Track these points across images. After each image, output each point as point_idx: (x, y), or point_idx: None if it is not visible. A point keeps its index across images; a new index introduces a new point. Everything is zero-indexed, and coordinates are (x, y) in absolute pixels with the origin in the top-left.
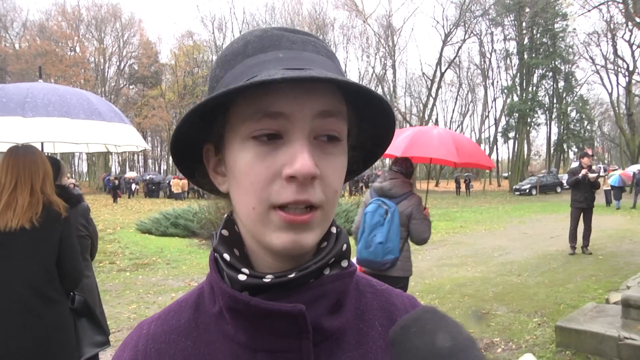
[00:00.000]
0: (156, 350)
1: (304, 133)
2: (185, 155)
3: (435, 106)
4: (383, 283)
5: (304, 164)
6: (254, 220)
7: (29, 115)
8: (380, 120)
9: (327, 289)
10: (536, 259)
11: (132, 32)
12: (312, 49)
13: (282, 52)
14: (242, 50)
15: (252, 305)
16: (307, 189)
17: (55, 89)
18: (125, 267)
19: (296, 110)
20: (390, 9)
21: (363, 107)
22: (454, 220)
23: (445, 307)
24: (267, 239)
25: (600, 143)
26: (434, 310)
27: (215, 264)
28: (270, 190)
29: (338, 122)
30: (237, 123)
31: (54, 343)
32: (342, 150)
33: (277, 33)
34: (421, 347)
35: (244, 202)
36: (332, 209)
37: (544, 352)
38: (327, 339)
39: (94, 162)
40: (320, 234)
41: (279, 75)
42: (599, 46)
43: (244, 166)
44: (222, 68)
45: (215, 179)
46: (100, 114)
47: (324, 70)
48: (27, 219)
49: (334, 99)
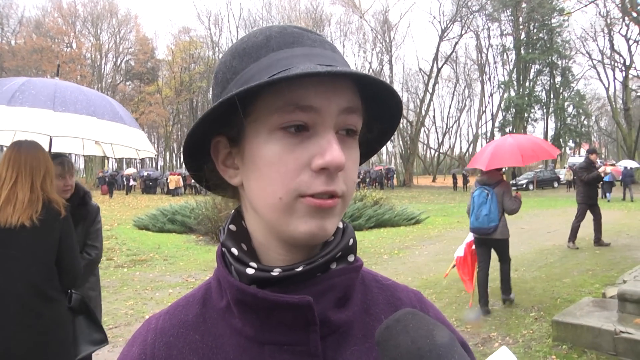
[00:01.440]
0: (165, 344)
1: (331, 126)
2: (192, 150)
3: (432, 101)
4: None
5: (336, 156)
6: (280, 210)
7: (59, 109)
8: (390, 120)
9: (334, 282)
10: (533, 253)
11: (128, 28)
12: (330, 48)
13: (307, 48)
14: (264, 44)
15: (259, 298)
16: (334, 180)
17: (80, 89)
18: (123, 264)
19: (325, 104)
20: (387, 5)
21: (377, 105)
22: (451, 215)
23: (443, 302)
24: (292, 227)
25: (597, 138)
26: (415, 312)
27: (223, 258)
28: (299, 180)
29: (357, 118)
30: (264, 115)
31: (52, 341)
32: (357, 144)
33: (297, 31)
34: (404, 345)
35: (268, 193)
36: (349, 199)
37: (541, 347)
38: (334, 332)
39: (90, 158)
40: (338, 222)
41: (321, 69)
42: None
43: (272, 157)
44: (242, 60)
45: (225, 172)
46: (122, 118)
47: (348, 68)
48: (27, 216)
49: (355, 96)
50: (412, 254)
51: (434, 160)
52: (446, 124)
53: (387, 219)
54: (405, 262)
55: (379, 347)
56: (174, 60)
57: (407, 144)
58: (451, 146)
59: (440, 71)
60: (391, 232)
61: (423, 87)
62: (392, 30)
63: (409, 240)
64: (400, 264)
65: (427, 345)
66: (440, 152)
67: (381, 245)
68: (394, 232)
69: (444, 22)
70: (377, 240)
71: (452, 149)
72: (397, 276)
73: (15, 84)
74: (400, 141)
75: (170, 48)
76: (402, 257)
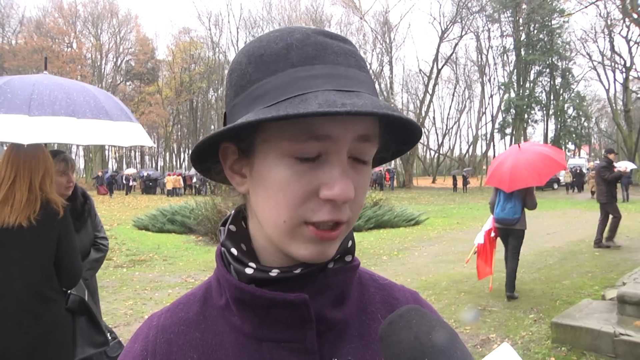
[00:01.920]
0: (165, 341)
1: (344, 154)
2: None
3: (432, 103)
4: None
5: (344, 190)
6: (282, 232)
7: (34, 113)
8: (407, 145)
9: (330, 281)
10: (532, 255)
11: (128, 28)
12: (355, 64)
13: (328, 67)
14: (284, 56)
15: (257, 296)
16: (341, 209)
17: (61, 85)
18: (122, 264)
19: (341, 133)
20: (387, 6)
21: (396, 132)
22: (451, 216)
23: (442, 304)
24: (293, 249)
25: (597, 140)
26: (418, 308)
27: (222, 258)
28: (305, 207)
29: (372, 146)
30: (275, 138)
31: (50, 342)
32: (369, 168)
33: (321, 40)
34: (406, 340)
35: (273, 214)
36: (354, 222)
37: (540, 348)
38: (330, 329)
39: (90, 158)
40: (339, 243)
41: (339, 104)
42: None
43: (280, 181)
44: (258, 68)
45: (233, 178)
46: (107, 113)
47: (370, 92)
48: (24, 216)
49: (373, 124)
50: (411, 255)
51: (434, 162)
52: (446, 125)
53: (386, 220)
54: (404, 263)
55: (381, 342)
56: (174, 60)
57: None
58: (451, 147)
59: (440, 72)
60: (391, 233)
61: (423, 88)
62: (392, 31)
63: (409, 242)
64: (400, 265)
65: (430, 341)
66: (440, 153)
67: (380, 246)
68: (393, 233)
69: (444, 23)
70: (376, 241)
71: (452, 150)
72: (396, 277)
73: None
74: None
75: (171, 48)
76: (401, 258)
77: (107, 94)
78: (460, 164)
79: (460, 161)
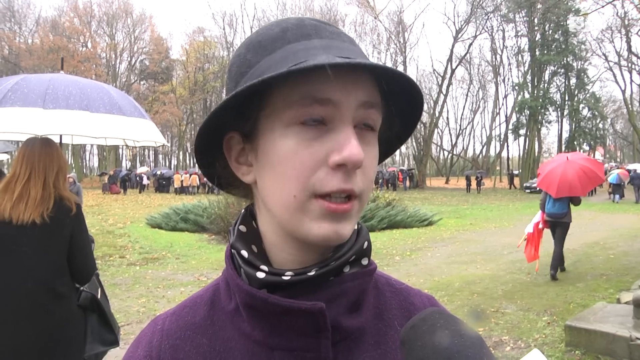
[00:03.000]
0: (171, 347)
1: (350, 121)
2: (204, 146)
3: (446, 103)
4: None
5: (354, 152)
6: (294, 209)
7: (49, 107)
8: (410, 116)
9: (347, 287)
10: (546, 257)
11: (143, 28)
12: (348, 40)
13: (325, 40)
14: (280, 36)
15: (270, 303)
16: (352, 178)
17: (76, 82)
18: (135, 262)
19: (344, 98)
20: (402, 5)
21: (398, 101)
22: (464, 217)
23: (454, 305)
24: (305, 228)
25: (612, 141)
26: (442, 311)
27: (232, 260)
28: (314, 178)
29: (377, 113)
30: (279, 108)
31: (62, 338)
32: (376, 140)
33: (314, 23)
34: (430, 345)
35: (283, 190)
36: (367, 199)
37: (553, 352)
38: (345, 338)
39: (104, 156)
40: (355, 224)
41: (339, 60)
42: (612, 43)
43: (287, 152)
44: (256, 53)
45: (239, 169)
46: (120, 109)
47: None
48: (38, 213)
49: (374, 90)
50: (424, 256)
51: (447, 162)
52: (460, 125)
53: (399, 220)
54: (417, 264)
55: (403, 346)
56: (188, 60)
57: (420, 145)
58: (464, 148)
59: (454, 72)
60: (404, 233)
61: (437, 88)
62: (406, 31)
63: (422, 242)
64: (413, 265)
65: (455, 346)
66: (454, 154)
67: (393, 246)
68: (406, 234)
69: (458, 23)
70: (389, 242)
71: (466, 150)
72: (409, 278)
73: (10, 83)
74: (414, 142)
75: (185, 48)
76: (414, 258)
77: (120, 92)
78: (474, 165)
79: (473, 162)
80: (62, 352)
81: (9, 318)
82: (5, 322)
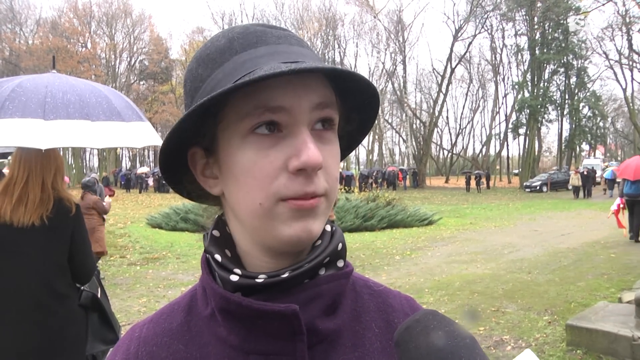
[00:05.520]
0: (148, 353)
1: (305, 124)
2: (169, 164)
3: (446, 102)
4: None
5: (311, 155)
6: (261, 216)
7: (49, 117)
8: (368, 109)
9: (322, 289)
10: (546, 256)
11: (142, 28)
12: (296, 42)
13: (271, 47)
14: (227, 47)
15: (244, 306)
16: (313, 180)
17: (73, 87)
18: (136, 261)
19: (296, 103)
20: (401, 4)
21: (353, 97)
22: (464, 217)
23: (455, 304)
24: (276, 232)
25: (613, 140)
26: (436, 312)
27: (207, 265)
28: (277, 184)
29: (332, 111)
30: (234, 121)
31: (66, 338)
32: (336, 138)
33: (260, 29)
34: (425, 346)
35: (248, 200)
36: (334, 197)
37: (555, 351)
38: (322, 341)
39: (104, 156)
40: (324, 222)
41: (284, 68)
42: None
43: (247, 163)
44: (207, 67)
45: (205, 182)
46: (120, 114)
47: (316, 62)
48: (38, 215)
49: (327, 90)
50: (424, 255)
51: (447, 161)
52: (459, 124)
53: (399, 220)
54: (417, 263)
55: (398, 348)
56: (187, 60)
57: (420, 144)
58: (464, 147)
59: (454, 71)
60: (403, 232)
61: (436, 87)
62: (405, 30)
63: (422, 241)
64: (413, 265)
65: (449, 347)
66: (454, 153)
67: (393, 246)
68: (406, 233)
69: (457, 22)
70: (389, 241)
71: (465, 149)
72: (409, 277)
73: (7, 89)
74: (413, 142)
75: (184, 48)
76: (414, 258)
77: (116, 93)
78: (474, 164)
79: (473, 161)
80: (64, 352)
81: (13, 319)
82: (8, 322)
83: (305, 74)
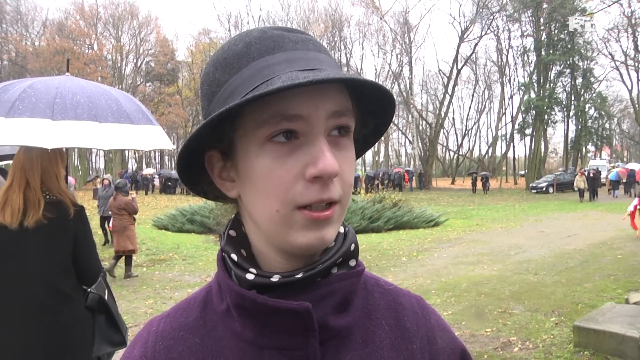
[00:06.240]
0: (165, 347)
1: (322, 132)
2: (186, 166)
3: (452, 103)
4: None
5: (328, 163)
6: (277, 222)
7: (57, 118)
8: (384, 114)
9: (334, 287)
10: (553, 257)
11: (148, 30)
12: (314, 48)
13: (289, 53)
14: (244, 53)
15: (258, 303)
16: (329, 187)
17: (84, 88)
18: (142, 263)
19: (313, 112)
20: (407, 6)
21: (369, 102)
22: (470, 218)
23: (462, 306)
24: (291, 239)
25: (619, 141)
26: None
27: (223, 262)
28: (293, 191)
29: (349, 118)
30: (251, 128)
31: (70, 340)
32: (352, 144)
33: (277, 33)
34: None
35: (265, 206)
36: (347, 202)
37: (562, 352)
38: (333, 337)
39: (110, 158)
40: (338, 228)
41: (302, 78)
42: (619, 42)
43: (264, 170)
44: (224, 71)
45: (223, 185)
46: (129, 117)
47: (333, 69)
48: (31, 217)
49: (344, 97)
50: (431, 257)
51: (453, 162)
52: (465, 125)
53: (406, 221)
54: (424, 265)
55: None
56: (193, 61)
57: (426, 145)
58: (470, 148)
59: (460, 73)
60: (410, 234)
61: (442, 88)
62: (412, 32)
63: (428, 243)
64: (419, 266)
65: None
66: (460, 154)
67: (400, 247)
68: (412, 234)
69: (464, 23)
70: (395, 242)
71: (472, 151)
72: (415, 278)
73: (18, 90)
74: (420, 143)
75: (190, 50)
76: (420, 259)
77: (127, 96)
78: (480, 165)
79: (479, 162)
80: (70, 354)
81: (18, 321)
82: (14, 324)
83: (321, 84)
